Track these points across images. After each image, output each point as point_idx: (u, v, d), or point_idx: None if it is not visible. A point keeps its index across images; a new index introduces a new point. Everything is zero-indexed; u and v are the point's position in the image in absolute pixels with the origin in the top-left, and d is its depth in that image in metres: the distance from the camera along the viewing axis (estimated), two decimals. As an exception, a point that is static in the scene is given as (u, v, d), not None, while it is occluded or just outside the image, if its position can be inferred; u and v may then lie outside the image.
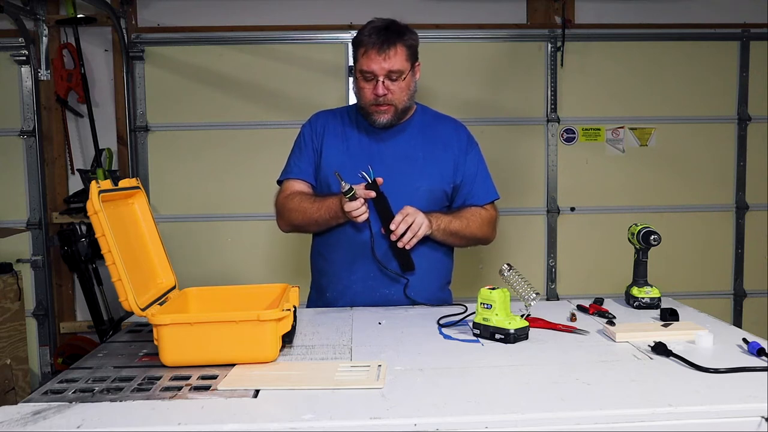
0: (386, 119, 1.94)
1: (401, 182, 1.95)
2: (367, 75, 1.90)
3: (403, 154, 2.00)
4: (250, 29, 3.48)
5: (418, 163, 1.99)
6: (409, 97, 1.97)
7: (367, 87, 1.91)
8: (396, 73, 1.89)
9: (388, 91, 1.90)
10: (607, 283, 3.38)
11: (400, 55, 1.89)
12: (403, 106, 1.95)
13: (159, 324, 1.35)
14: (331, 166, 1.97)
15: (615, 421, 1.10)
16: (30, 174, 3.50)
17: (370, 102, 1.92)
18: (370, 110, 1.94)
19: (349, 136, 2.03)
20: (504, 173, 3.65)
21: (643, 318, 1.74)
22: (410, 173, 1.98)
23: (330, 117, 2.10)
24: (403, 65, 1.91)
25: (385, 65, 1.87)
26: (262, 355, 1.38)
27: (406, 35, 1.93)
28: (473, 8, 3.57)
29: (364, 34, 1.90)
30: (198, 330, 1.36)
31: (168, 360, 1.37)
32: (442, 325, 1.68)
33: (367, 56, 1.88)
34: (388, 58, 1.87)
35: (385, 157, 1.98)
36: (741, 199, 3.71)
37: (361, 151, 2.00)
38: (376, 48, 1.87)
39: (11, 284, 3.19)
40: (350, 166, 1.93)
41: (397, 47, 1.89)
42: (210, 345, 1.36)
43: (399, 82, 1.91)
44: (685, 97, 3.65)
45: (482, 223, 2.03)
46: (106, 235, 1.37)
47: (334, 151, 2.02)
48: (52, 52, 3.49)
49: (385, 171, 1.93)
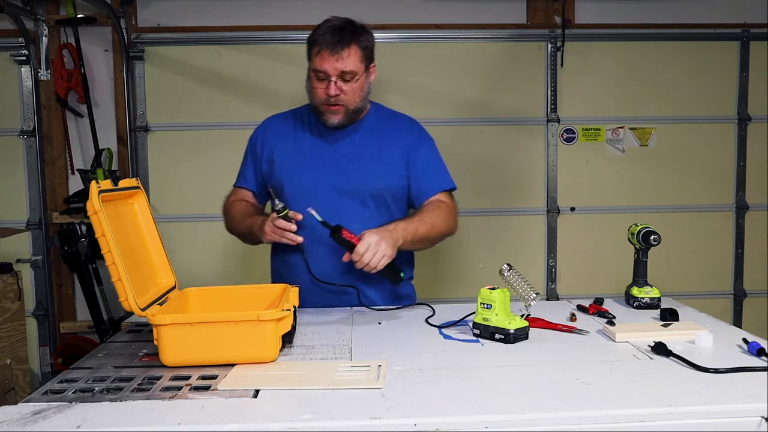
0: (338, 120, 1.92)
1: (356, 183, 1.94)
2: (319, 74, 1.88)
3: (357, 155, 1.98)
4: (249, 29, 3.48)
5: (372, 163, 1.97)
6: (361, 99, 1.94)
7: (319, 87, 1.89)
8: (349, 74, 1.87)
9: (340, 92, 1.88)
10: (607, 283, 3.38)
11: (353, 57, 1.87)
12: (355, 106, 1.93)
13: (159, 324, 1.35)
14: (284, 173, 1.98)
15: (615, 421, 1.10)
16: (30, 174, 3.50)
17: (321, 101, 1.91)
18: (322, 110, 1.92)
19: (300, 139, 2.02)
20: (504, 173, 3.65)
21: (643, 318, 1.74)
22: (364, 173, 1.96)
23: (281, 122, 2.09)
24: (357, 66, 1.88)
25: (338, 66, 1.85)
26: (262, 355, 1.38)
27: (361, 36, 1.90)
28: (473, 8, 3.57)
29: (319, 33, 1.88)
30: (198, 330, 1.36)
31: (168, 360, 1.37)
32: (442, 325, 1.68)
33: (320, 56, 1.86)
34: (341, 58, 1.85)
35: (338, 159, 1.97)
36: (741, 199, 3.71)
37: (313, 154, 1.99)
38: (329, 48, 1.84)
39: (11, 284, 3.19)
40: (302, 172, 1.95)
41: (351, 48, 1.87)
42: (210, 345, 1.36)
43: (352, 83, 1.89)
44: (685, 97, 3.65)
45: (446, 218, 1.99)
46: (106, 235, 1.37)
47: (286, 158, 2.01)
48: (52, 52, 3.49)
49: (339, 173, 1.93)
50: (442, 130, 3.59)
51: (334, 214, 1.84)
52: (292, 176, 1.98)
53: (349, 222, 1.84)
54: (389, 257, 1.74)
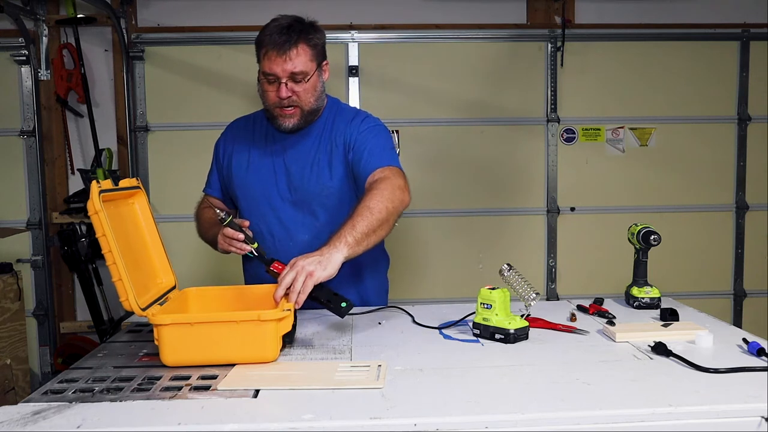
0: (293, 123, 1.84)
1: (309, 189, 1.89)
2: (269, 77, 1.79)
3: (309, 162, 1.90)
4: (250, 29, 3.47)
5: (323, 166, 1.89)
6: (316, 98, 1.85)
7: (270, 90, 1.81)
8: (300, 75, 1.78)
9: (292, 93, 1.80)
10: (607, 283, 3.38)
11: (302, 56, 1.78)
12: (309, 107, 1.84)
13: (159, 324, 1.35)
14: (237, 182, 1.96)
15: (615, 421, 1.10)
16: (30, 174, 3.50)
17: (274, 104, 1.82)
18: (275, 113, 1.84)
19: (255, 146, 1.96)
20: (504, 173, 3.66)
21: (643, 318, 1.74)
22: (317, 179, 1.89)
23: (241, 127, 2.03)
24: (307, 66, 1.79)
25: (287, 67, 1.76)
26: (262, 355, 1.38)
27: (310, 34, 1.81)
28: (473, 8, 3.57)
29: (266, 34, 1.79)
30: (198, 330, 1.36)
31: (168, 360, 1.37)
32: (441, 326, 1.68)
33: (268, 57, 1.77)
34: (289, 59, 1.76)
35: (288, 168, 1.91)
36: (741, 199, 3.71)
37: (264, 164, 1.93)
38: (276, 49, 1.76)
39: (11, 284, 3.19)
40: (253, 183, 1.93)
41: (299, 48, 1.77)
42: (210, 345, 1.36)
43: (303, 83, 1.80)
44: (685, 97, 3.65)
45: (390, 192, 1.72)
46: (107, 235, 1.37)
47: (240, 167, 1.97)
48: (52, 52, 3.49)
49: (289, 184, 1.90)
50: (442, 130, 3.61)
51: (284, 225, 1.84)
52: (244, 187, 1.95)
53: (300, 233, 1.86)
54: (318, 278, 1.49)
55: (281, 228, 1.92)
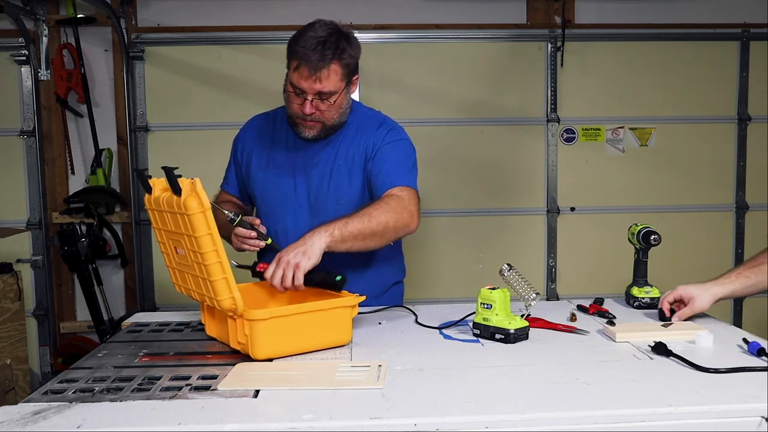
0: (313, 134, 1.82)
1: (328, 196, 1.88)
2: (296, 89, 1.76)
3: (329, 169, 1.88)
4: (250, 29, 3.48)
5: (343, 174, 1.88)
6: (339, 115, 1.83)
7: (295, 101, 1.78)
8: (327, 94, 1.75)
9: (316, 110, 1.77)
10: (607, 283, 3.38)
11: (333, 77, 1.73)
12: (332, 123, 1.82)
13: (256, 319, 1.37)
14: (257, 182, 1.94)
15: (615, 421, 1.10)
16: (30, 174, 3.50)
17: (297, 115, 1.80)
18: (297, 122, 1.82)
19: (276, 146, 1.94)
20: (504, 173, 3.66)
21: (643, 318, 1.74)
22: (336, 186, 1.88)
23: (263, 124, 2.00)
24: (336, 86, 1.75)
25: (315, 86, 1.73)
26: (341, 338, 1.49)
27: (345, 52, 1.75)
28: (473, 8, 3.57)
29: (300, 45, 1.73)
30: (290, 321, 1.41)
31: (260, 354, 1.39)
32: (442, 326, 1.68)
33: (299, 72, 1.73)
34: (319, 80, 1.72)
35: (309, 173, 1.90)
36: (741, 199, 3.71)
37: (286, 166, 1.91)
38: (308, 67, 1.71)
39: (11, 284, 3.19)
40: (273, 185, 1.91)
41: (331, 68, 1.72)
42: (297, 335, 1.42)
43: (329, 102, 1.77)
44: (685, 97, 3.66)
45: (394, 210, 1.73)
46: (213, 234, 1.36)
47: (260, 167, 1.95)
48: (52, 52, 3.49)
49: (310, 187, 1.89)
50: (442, 130, 3.61)
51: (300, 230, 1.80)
52: (262, 188, 1.94)
53: None
54: (305, 269, 1.53)
55: (296, 233, 1.89)
